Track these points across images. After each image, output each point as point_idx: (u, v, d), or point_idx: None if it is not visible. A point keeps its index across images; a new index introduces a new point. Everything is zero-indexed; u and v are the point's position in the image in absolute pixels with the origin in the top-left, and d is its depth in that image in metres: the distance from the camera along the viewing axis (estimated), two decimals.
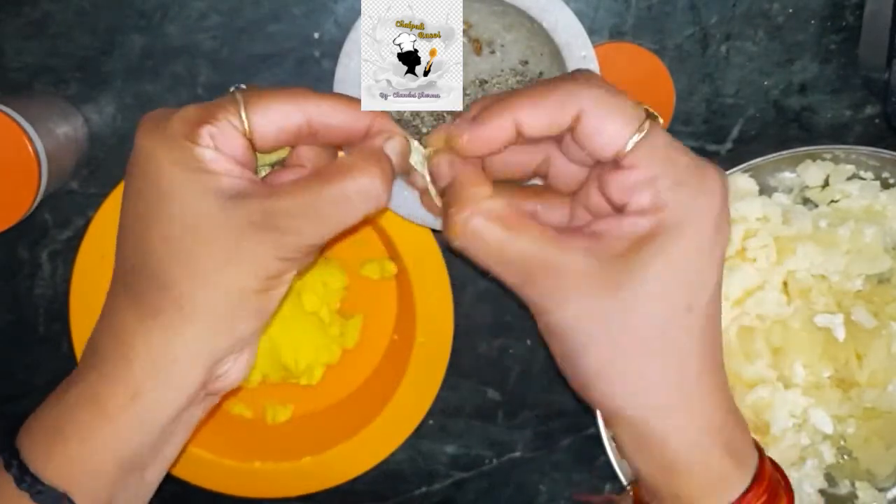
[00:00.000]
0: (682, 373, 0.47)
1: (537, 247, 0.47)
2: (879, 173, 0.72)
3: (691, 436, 0.48)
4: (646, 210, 0.46)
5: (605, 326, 0.46)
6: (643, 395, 0.47)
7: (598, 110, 0.46)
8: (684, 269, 0.46)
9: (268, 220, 0.46)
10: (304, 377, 0.75)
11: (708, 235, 0.46)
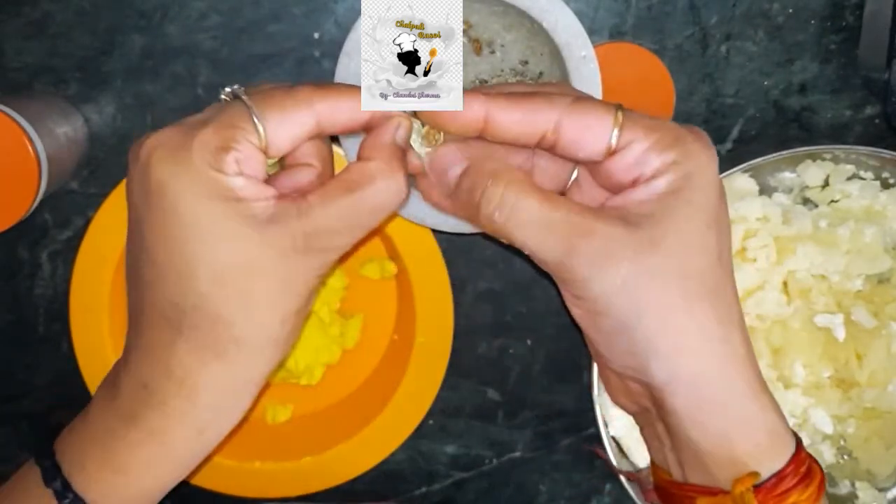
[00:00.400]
0: (726, 324, 0.47)
1: (574, 216, 0.46)
2: (879, 173, 0.72)
3: (749, 390, 0.47)
4: (658, 171, 0.47)
5: (655, 285, 0.46)
6: (700, 351, 0.46)
7: (573, 117, 0.47)
8: (708, 215, 0.47)
9: (310, 242, 0.46)
10: (304, 377, 0.75)
11: (717, 182, 0.47)
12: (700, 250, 0.46)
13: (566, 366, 0.77)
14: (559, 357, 0.77)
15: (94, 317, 0.72)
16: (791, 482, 0.47)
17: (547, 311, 0.76)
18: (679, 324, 0.46)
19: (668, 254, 0.46)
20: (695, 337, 0.46)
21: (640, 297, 0.46)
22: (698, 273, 0.46)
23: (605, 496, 0.79)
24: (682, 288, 0.46)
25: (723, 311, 0.47)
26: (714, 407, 0.47)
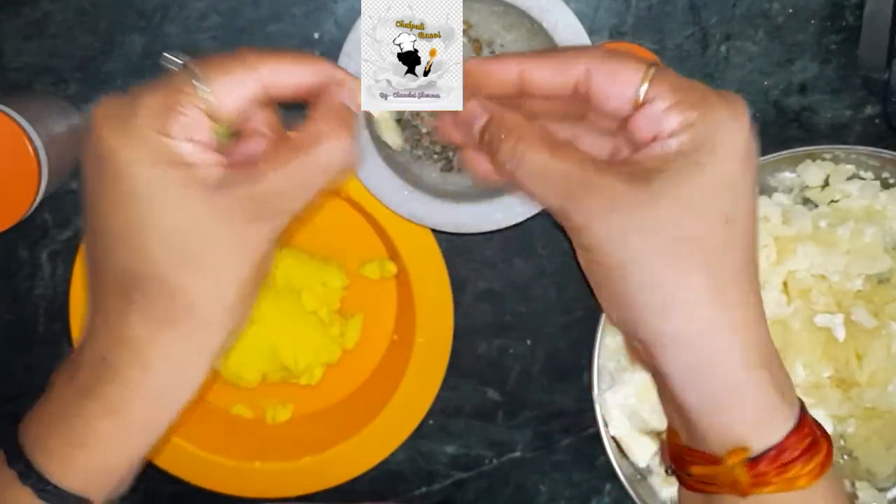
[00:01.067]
0: (726, 290, 0.47)
1: (580, 168, 0.48)
2: (879, 173, 0.72)
3: (739, 359, 0.47)
4: (676, 130, 0.47)
5: (647, 238, 0.46)
6: (688, 311, 0.47)
7: (607, 60, 0.48)
8: (720, 179, 0.46)
9: (259, 206, 0.46)
10: (304, 377, 0.75)
11: (741, 149, 0.47)
12: (702, 213, 0.46)
13: (566, 366, 0.77)
14: (559, 357, 0.77)
15: None
16: (791, 456, 0.47)
17: (547, 311, 0.76)
18: (667, 283, 0.46)
19: (665, 212, 0.46)
20: (683, 298, 0.47)
21: (630, 249, 0.47)
22: (696, 235, 0.46)
23: (605, 496, 0.79)
24: (674, 247, 0.46)
25: (723, 276, 0.47)
26: (701, 373, 0.47)
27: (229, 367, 0.74)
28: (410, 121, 0.65)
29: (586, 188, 0.47)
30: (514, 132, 0.49)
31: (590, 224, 0.47)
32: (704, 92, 0.48)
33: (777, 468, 0.47)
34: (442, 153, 0.67)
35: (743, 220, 0.47)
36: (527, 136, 0.49)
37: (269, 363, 0.74)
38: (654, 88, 0.47)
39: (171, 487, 0.77)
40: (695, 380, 0.48)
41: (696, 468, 0.50)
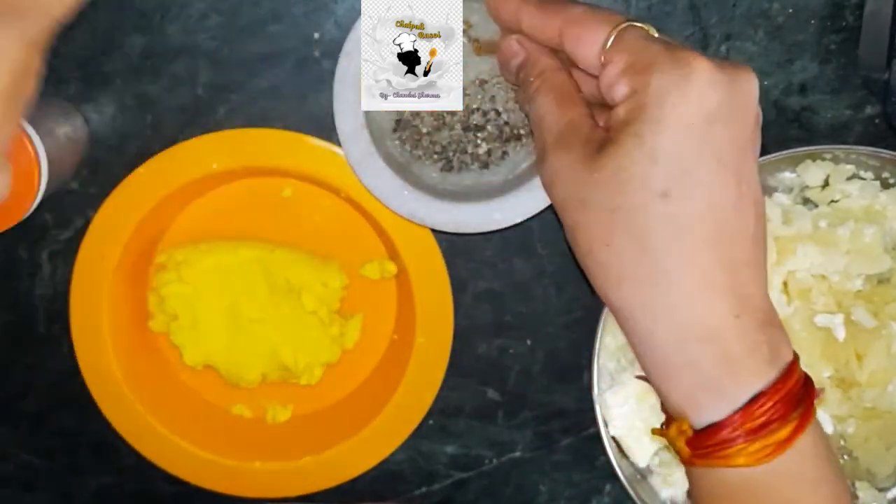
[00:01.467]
0: (657, 262, 0.47)
1: (561, 125, 0.49)
2: (879, 173, 0.72)
3: (672, 334, 0.47)
4: (624, 96, 0.47)
5: (585, 209, 0.47)
6: (620, 284, 0.47)
7: (576, 18, 0.49)
8: (659, 151, 0.46)
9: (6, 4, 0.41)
10: (303, 377, 0.75)
11: (687, 119, 0.46)
12: (636, 186, 0.46)
13: (566, 366, 0.77)
14: (559, 357, 0.77)
15: (94, 317, 0.72)
16: (730, 435, 0.47)
17: (547, 311, 0.76)
18: (601, 253, 0.47)
19: (603, 184, 0.47)
20: (615, 271, 0.47)
21: (574, 215, 0.48)
22: (628, 209, 0.46)
23: (605, 496, 0.79)
24: (608, 219, 0.47)
25: (655, 249, 0.46)
26: (640, 342, 0.48)
27: (229, 368, 0.74)
28: (410, 121, 0.65)
29: (556, 145, 0.49)
30: (540, 76, 0.51)
31: (552, 184, 0.49)
32: (658, 54, 0.47)
33: (715, 445, 0.47)
34: (442, 153, 0.67)
35: (686, 193, 0.46)
36: (548, 79, 0.51)
37: (269, 363, 0.74)
38: (612, 51, 0.48)
39: (171, 487, 0.77)
40: (636, 346, 0.49)
41: (654, 430, 0.50)
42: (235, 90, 0.72)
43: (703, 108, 0.46)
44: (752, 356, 0.48)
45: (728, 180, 0.47)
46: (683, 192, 0.46)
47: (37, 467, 0.78)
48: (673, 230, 0.46)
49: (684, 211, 0.46)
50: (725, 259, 0.47)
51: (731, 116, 0.47)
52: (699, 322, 0.47)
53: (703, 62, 0.47)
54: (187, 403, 0.77)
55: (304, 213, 0.74)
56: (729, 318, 0.47)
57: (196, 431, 0.75)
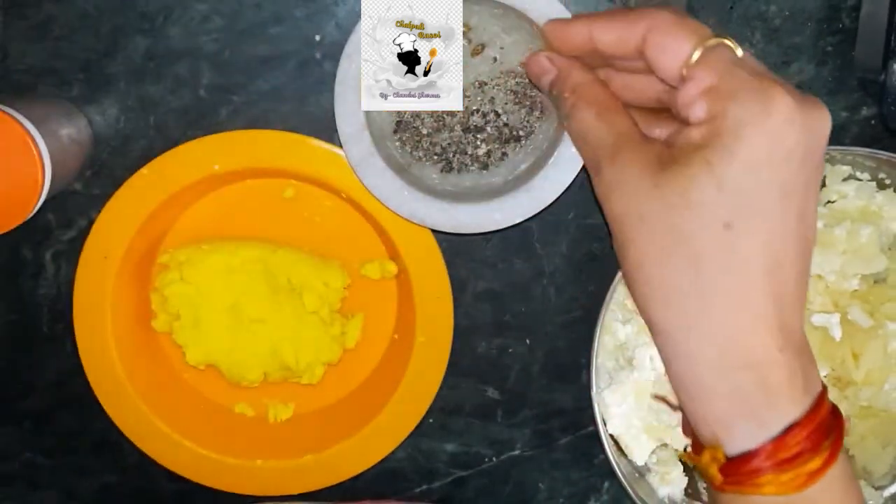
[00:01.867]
0: (708, 289, 0.46)
1: (612, 138, 0.49)
2: (875, 174, 0.72)
3: (715, 360, 0.47)
4: (701, 120, 0.46)
5: (642, 225, 0.47)
6: (668, 304, 0.47)
7: (663, 27, 0.48)
8: (727, 183, 0.45)
9: None
10: (305, 376, 0.75)
11: (761, 155, 0.45)
12: (700, 214, 0.46)
13: (565, 365, 0.77)
14: (558, 356, 0.77)
15: (97, 316, 0.73)
16: (762, 463, 0.47)
17: (546, 311, 0.76)
18: (654, 273, 0.47)
19: (666, 204, 0.46)
20: (665, 292, 0.47)
21: (631, 230, 0.47)
22: (689, 234, 0.46)
23: (604, 494, 0.79)
24: (665, 240, 0.46)
25: (710, 278, 0.46)
26: (678, 364, 0.48)
27: (231, 367, 0.75)
28: (411, 122, 0.66)
29: (611, 160, 0.48)
30: (575, 91, 0.51)
31: (607, 197, 0.48)
32: (742, 82, 0.46)
33: (747, 474, 0.47)
34: (442, 154, 0.67)
35: (749, 227, 0.46)
36: (585, 95, 0.51)
37: (271, 362, 0.74)
38: (696, 68, 0.47)
39: (173, 485, 0.77)
40: (673, 368, 0.48)
41: (683, 454, 0.50)
42: (237, 92, 0.72)
43: (778, 146, 0.46)
44: (790, 386, 0.48)
45: (790, 217, 0.47)
46: (746, 225, 0.46)
47: (40, 466, 0.79)
48: (730, 260, 0.46)
49: (744, 243, 0.46)
50: (775, 292, 0.47)
51: (804, 156, 0.47)
52: (744, 351, 0.47)
53: (786, 98, 0.46)
54: (190, 402, 0.77)
55: (305, 213, 0.75)
56: (773, 351, 0.47)
57: (198, 430, 0.75)
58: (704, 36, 0.48)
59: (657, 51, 0.48)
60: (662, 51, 0.48)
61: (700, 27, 0.49)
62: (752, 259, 0.46)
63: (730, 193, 0.46)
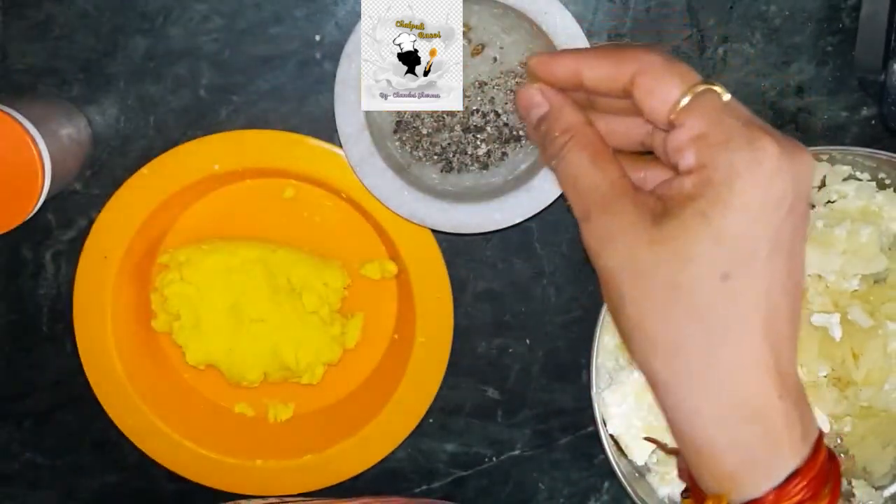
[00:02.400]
0: (712, 342, 0.46)
1: (605, 187, 0.48)
2: (875, 174, 0.72)
3: (717, 411, 0.47)
4: (691, 169, 0.46)
5: (639, 281, 0.46)
6: (670, 358, 0.46)
7: (652, 70, 0.48)
8: (724, 233, 0.45)
9: None
10: (305, 376, 0.75)
11: (754, 204, 0.45)
12: (697, 265, 0.45)
13: (565, 365, 0.77)
14: (558, 356, 0.77)
15: (96, 316, 0.73)
16: None
17: (546, 311, 0.76)
18: (652, 327, 0.47)
19: (662, 258, 0.46)
20: (666, 346, 0.46)
21: (626, 284, 0.47)
22: (688, 287, 0.46)
23: (604, 494, 0.79)
24: (664, 294, 0.46)
25: (712, 331, 0.46)
26: (680, 417, 0.47)
27: (231, 367, 0.75)
28: (411, 122, 0.66)
29: (603, 210, 0.48)
30: (568, 131, 0.50)
31: (600, 249, 0.48)
32: (732, 130, 0.46)
33: None
34: (442, 154, 0.67)
35: (747, 276, 0.46)
36: (579, 137, 0.49)
37: (271, 362, 0.74)
38: (685, 113, 0.47)
39: (174, 486, 0.77)
40: (676, 421, 0.48)
41: (685, 502, 0.50)
42: (237, 92, 0.72)
43: (770, 195, 0.45)
44: (790, 434, 0.47)
45: (782, 262, 0.47)
46: (744, 274, 0.46)
47: (40, 466, 0.79)
48: (731, 311, 0.46)
49: (743, 293, 0.46)
50: (773, 339, 0.47)
51: (793, 203, 0.46)
52: (747, 402, 0.47)
53: (774, 146, 0.46)
54: (190, 402, 0.77)
55: (305, 213, 0.75)
56: (773, 398, 0.47)
57: (198, 430, 0.75)
58: (693, 81, 0.47)
59: (645, 94, 0.48)
60: (651, 94, 0.48)
61: (688, 72, 0.48)
62: (751, 308, 0.46)
63: (727, 245, 0.45)
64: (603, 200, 0.48)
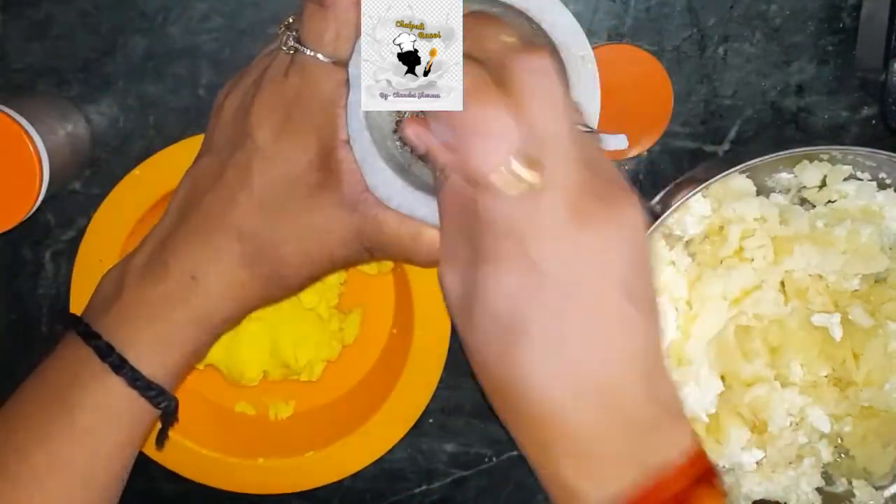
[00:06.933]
0: (506, 397, 0.49)
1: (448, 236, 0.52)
2: (876, 174, 0.72)
3: (535, 460, 0.52)
4: None
5: (462, 341, 0.50)
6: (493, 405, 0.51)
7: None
8: (490, 312, 0.47)
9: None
10: (304, 373, 0.75)
11: (510, 281, 0.47)
12: (485, 330, 0.48)
13: None
14: None
15: None
16: None
17: None
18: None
19: (471, 323, 0.49)
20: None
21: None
22: (486, 347, 0.49)
23: None
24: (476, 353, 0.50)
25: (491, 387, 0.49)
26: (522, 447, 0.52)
27: (230, 367, 0.75)
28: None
29: (444, 262, 0.51)
30: (442, 171, 0.51)
31: (447, 303, 0.51)
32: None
33: None
34: None
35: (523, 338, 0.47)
36: (448, 179, 0.51)
37: (270, 361, 0.74)
38: None
39: (175, 486, 0.77)
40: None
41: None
42: None
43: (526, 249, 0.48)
44: (617, 462, 0.48)
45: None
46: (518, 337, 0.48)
47: None
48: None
49: (522, 349, 0.48)
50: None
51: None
52: (552, 439, 0.50)
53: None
54: (190, 402, 0.77)
55: None
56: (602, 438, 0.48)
57: (199, 430, 0.75)
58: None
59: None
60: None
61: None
62: (534, 362, 0.48)
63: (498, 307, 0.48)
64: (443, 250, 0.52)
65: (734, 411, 0.72)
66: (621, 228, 0.47)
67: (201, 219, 0.56)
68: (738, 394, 0.72)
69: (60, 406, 0.55)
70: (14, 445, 0.55)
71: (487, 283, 0.47)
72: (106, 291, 0.58)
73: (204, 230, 0.56)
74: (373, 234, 0.57)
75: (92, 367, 0.55)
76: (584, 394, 0.47)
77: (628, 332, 0.47)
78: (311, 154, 0.56)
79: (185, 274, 0.55)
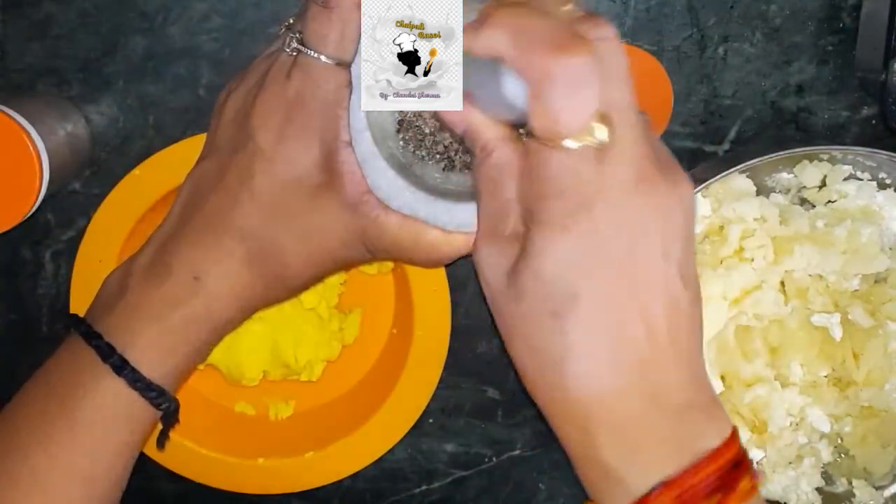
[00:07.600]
0: (549, 374, 0.48)
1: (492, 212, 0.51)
2: (876, 174, 0.72)
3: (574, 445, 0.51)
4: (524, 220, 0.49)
5: (502, 308, 0.51)
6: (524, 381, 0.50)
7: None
8: (543, 278, 0.47)
9: None
10: (304, 373, 0.75)
11: (567, 245, 0.47)
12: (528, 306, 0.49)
13: None
14: None
15: None
16: None
17: None
18: (510, 352, 0.51)
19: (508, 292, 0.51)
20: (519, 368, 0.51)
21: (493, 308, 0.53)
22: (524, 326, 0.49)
23: None
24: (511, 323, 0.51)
25: (540, 361, 0.49)
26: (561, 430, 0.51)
27: (230, 367, 0.75)
28: (413, 121, 0.65)
29: (484, 239, 0.52)
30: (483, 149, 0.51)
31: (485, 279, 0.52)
32: (553, 182, 0.48)
33: None
34: (444, 153, 0.67)
35: (569, 313, 0.47)
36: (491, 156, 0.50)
37: (270, 361, 0.74)
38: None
39: (175, 486, 0.77)
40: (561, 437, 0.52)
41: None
42: None
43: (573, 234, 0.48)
44: (660, 446, 0.48)
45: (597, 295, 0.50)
46: (567, 311, 0.48)
47: None
48: (560, 343, 0.48)
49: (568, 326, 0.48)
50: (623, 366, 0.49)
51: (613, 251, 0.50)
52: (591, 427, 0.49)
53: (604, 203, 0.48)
54: (190, 402, 0.77)
55: None
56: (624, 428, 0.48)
57: (199, 430, 0.75)
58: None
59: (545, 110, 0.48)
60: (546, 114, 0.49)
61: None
62: (578, 341, 0.48)
63: (548, 286, 0.48)
64: (486, 228, 0.52)
65: (734, 411, 0.72)
66: (682, 201, 0.47)
67: (204, 220, 0.56)
68: (738, 394, 0.72)
69: (61, 407, 0.55)
70: (15, 446, 0.55)
71: (543, 247, 0.47)
72: (109, 292, 0.58)
73: (206, 231, 0.56)
74: (374, 235, 0.57)
75: (93, 368, 0.55)
76: (628, 371, 0.47)
77: (676, 310, 0.47)
78: (313, 155, 0.55)
79: (188, 275, 0.56)
